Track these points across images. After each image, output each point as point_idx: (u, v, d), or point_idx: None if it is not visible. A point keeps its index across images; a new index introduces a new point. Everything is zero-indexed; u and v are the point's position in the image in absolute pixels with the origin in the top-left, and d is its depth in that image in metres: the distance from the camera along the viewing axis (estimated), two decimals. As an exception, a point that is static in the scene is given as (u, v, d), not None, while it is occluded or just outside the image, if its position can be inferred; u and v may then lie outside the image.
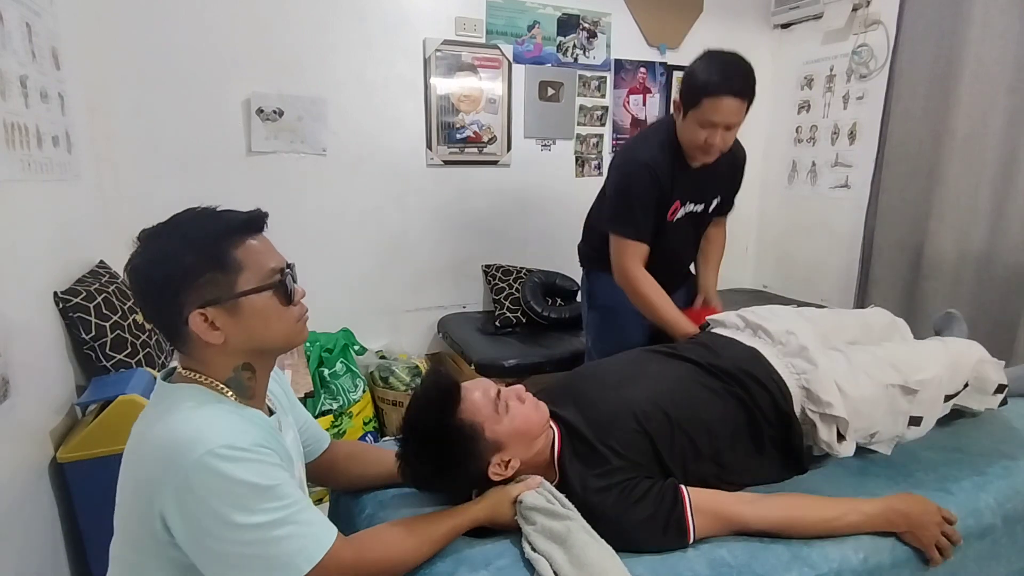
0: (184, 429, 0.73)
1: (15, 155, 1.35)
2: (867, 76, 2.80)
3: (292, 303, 0.85)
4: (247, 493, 0.71)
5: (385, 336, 2.78)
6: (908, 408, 1.21)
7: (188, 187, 2.28)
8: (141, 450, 0.76)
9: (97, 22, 2.07)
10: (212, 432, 0.73)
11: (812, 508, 1.02)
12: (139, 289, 0.81)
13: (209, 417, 0.75)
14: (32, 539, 1.26)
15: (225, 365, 0.82)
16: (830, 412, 1.14)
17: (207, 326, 0.79)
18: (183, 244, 0.78)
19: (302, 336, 0.88)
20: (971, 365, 1.31)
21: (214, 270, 0.78)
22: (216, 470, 0.70)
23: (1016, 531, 1.16)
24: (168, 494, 0.71)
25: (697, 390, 1.17)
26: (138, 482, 0.76)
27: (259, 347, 0.84)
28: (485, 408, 0.99)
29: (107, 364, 1.51)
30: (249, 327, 0.81)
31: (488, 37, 2.71)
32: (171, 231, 0.80)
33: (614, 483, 0.99)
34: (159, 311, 0.81)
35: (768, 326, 1.32)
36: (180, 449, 0.71)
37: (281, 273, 0.83)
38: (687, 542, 0.96)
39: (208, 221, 0.81)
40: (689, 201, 1.70)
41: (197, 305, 0.78)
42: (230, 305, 0.79)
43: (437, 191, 2.77)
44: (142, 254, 0.79)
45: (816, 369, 1.19)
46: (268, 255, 0.84)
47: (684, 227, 1.74)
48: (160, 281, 0.78)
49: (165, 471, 0.71)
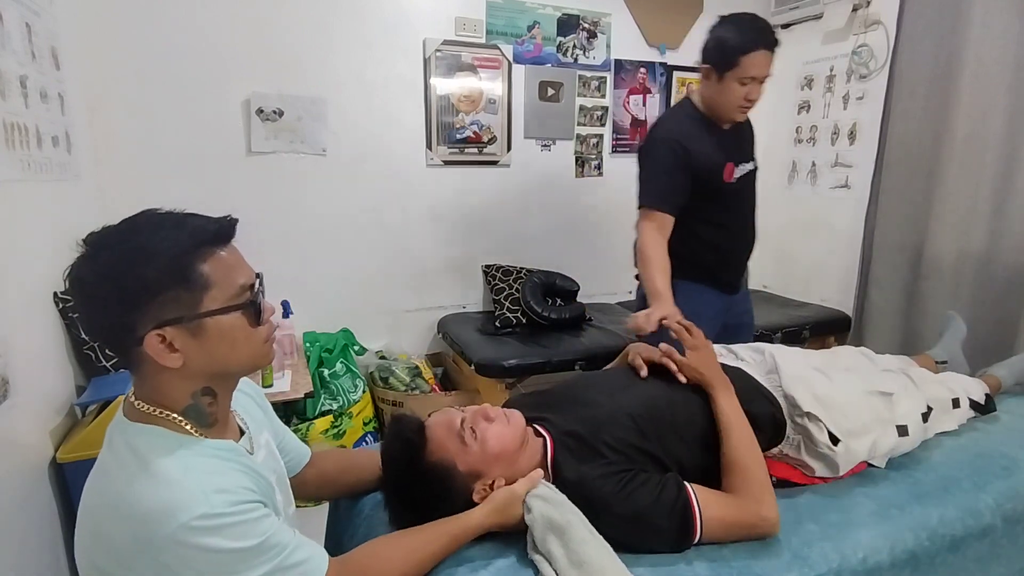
0: (152, 499, 0.66)
1: (15, 155, 1.35)
2: (867, 76, 2.80)
3: (261, 323, 0.77)
4: (230, 560, 0.67)
5: (385, 336, 2.78)
6: (891, 417, 1.24)
7: (188, 187, 2.28)
8: (106, 516, 0.70)
9: (97, 22, 2.07)
10: (184, 499, 0.66)
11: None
12: (84, 303, 0.71)
13: (177, 478, 0.68)
14: (32, 539, 1.26)
15: (182, 390, 0.74)
16: (803, 408, 1.17)
17: (164, 348, 0.70)
18: (142, 256, 0.68)
19: (268, 358, 0.81)
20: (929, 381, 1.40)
21: (177, 287, 0.69)
22: (194, 545, 0.65)
23: (1016, 531, 1.16)
24: (143, 572, 0.66)
25: (690, 397, 1.17)
26: (105, 553, 0.70)
27: (221, 371, 0.76)
28: (451, 443, 0.98)
29: (107, 364, 1.51)
30: (212, 350, 0.73)
31: (488, 37, 2.71)
32: (127, 239, 0.70)
33: (612, 471, 0.99)
34: (107, 329, 0.71)
35: (744, 353, 1.38)
36: (151, 525, 0.65)
37: (251, 290, 0.75)
38: (693, 533, 0.95)
39: (172, 231, 0.71)
40: (741, 161, 1.74)
41: (154, 325, 0.69)
42: (193, 326, 0.71)
43: (437, 191, 2.77)
44: (90, 264, 0.69)
45: (787, 375, 1.24)
46: (238, 269, 0.75)
47: (742, 191, 1.77)
48: (111, 297, 0.68)
49: (137, 548, 0.65)
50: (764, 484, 1.02)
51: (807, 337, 2.77)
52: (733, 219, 1.77)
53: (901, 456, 1.25)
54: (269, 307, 0.79)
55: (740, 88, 1.60)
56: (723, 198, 1.73)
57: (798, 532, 1.01)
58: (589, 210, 3.12)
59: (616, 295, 3.29)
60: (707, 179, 1.67)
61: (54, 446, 1.37)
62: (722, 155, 1.69)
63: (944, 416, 1.37)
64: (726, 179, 1.70)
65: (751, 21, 1.60)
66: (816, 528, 1.03)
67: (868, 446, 1.19)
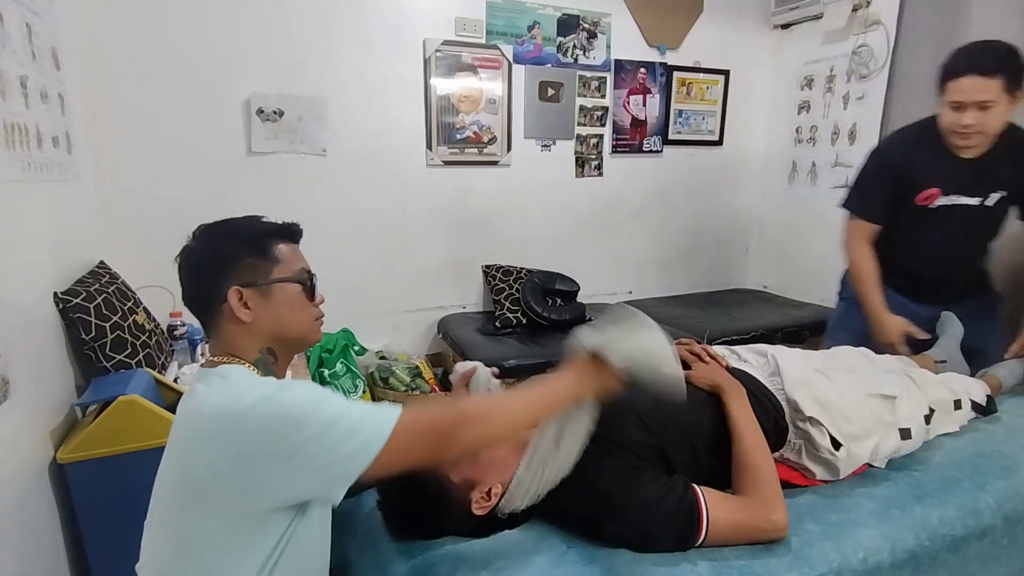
0: (236, 388, 0.78)
1: (15, 155, 1.35)
2: (867, 76, 2.80)
3: (314, 302, 0.94)
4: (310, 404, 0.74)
5: (385, 336, 2.78)
6: (894, 420, 1.24)
7: (188, 187, 2.28)
8: (198, 415, 0.79)
9: (97, 22, 2.07)
10: (260, 381, 0.81)
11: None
12: (186, 268, 0.89)
13: (252, 377, 0.84)
14: (32, 539, 1.26)
15: (251, 347, 0.89)
16: (805, 412, 1.16)
17: (240, 304, 0.86)
18: (231, 233, 0.90)
19: (317, 335, 0.96)
20: (931, 383, 1.40)
21: (255, 256, 0.88)
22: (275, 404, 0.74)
23: (1016, 531, 1.16)
24: (245, 459, 0.72)
25: (698, 399, 1.17)
26: (202, 461, 0.76)
27: (281, 333, 0.90)
28: None
29: (107, 364, 1.51)
30: (276, 311, 0.89)
31: (488, 37, 2.72)
32: (223, 224, 0.91)
33: (619, 467, 0.98)
34: (201, 287, 0.88)
35: (747, 355, 1.38)
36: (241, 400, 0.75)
37: (309, 274, 0.94)
38: (698, 532, 0.94)
39: (255, 221, 0.93)
40: (954, 192, 1.67)
41: (236, 284, 0.86)
42: (264, 288, 0.88)
43: (437, 191, 2.77)
44: (196, 240, 0.90)
45: (790, 379, 1.24)
46: (300, 259, 0.95)
47: (949, 219, 1.69)
48: (207, 259, 0.88)
49: (231, 441, 0.73)
50: (775, 488, 1.01)
51: (807, 337, 2.78)
52: (920, 241, 1.75)
53: (901, 456, 1.25)
54: (321, 295, 0.96)
55: (951, 113, 1.55)
56: (923, 220, 1.71)
57: (798, 532, 1.01)
58: (589, 210, 3.13)
59: (616, 295, 3.29)
60: (901, 196, 1.72)
61: (54, 446, 1.37)
62: (932, 180, 1.67)
63: (946, 417, 1.36)
64: (919, 202, 1.69)
65: (971, 45, 1.56)
66: (816, 528, 1.03)
67: (870, 449, 1.19)
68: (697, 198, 3.39)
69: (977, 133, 1.55)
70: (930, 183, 1.67)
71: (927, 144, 1.66)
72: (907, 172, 1.69)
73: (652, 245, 3.35)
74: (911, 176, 1.69)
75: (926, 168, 1.67)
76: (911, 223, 1.74)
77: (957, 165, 1.63)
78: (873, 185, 1.77)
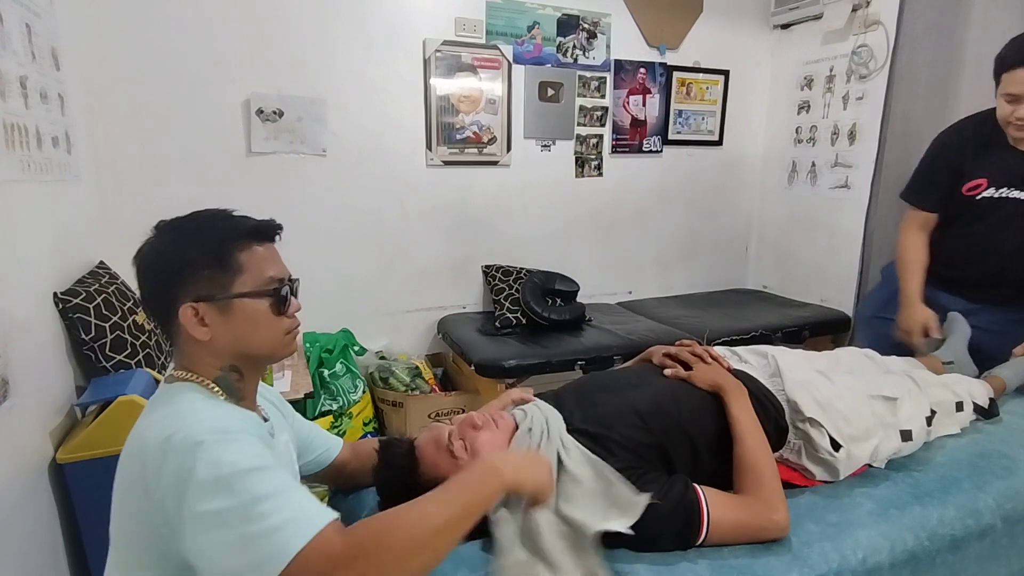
0: (176, 420, 0.73)
1: (15, 156, 1.35)
2: (867, 76, 2.80)
3: (284, 314, 0.85)
4: (233, 475, 0.68)
5: (385, 337, 2.78)
6: (895, 421, 1.24)
7: (188, 188, 2.28)
8: (138, 447, 0.74)
9: (97, 22, 2.07)
10: (205, 420, 0.73)
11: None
12: (140, 274, 0.82)
13: (202, 409, 0.76)
14: (32, 540, 1.26)
15: (211, 364, 0.82)
16: (805, 413, 1.16)
17: (196, 320, 0.79)
18: (190, 238, 0.81)
19: (288, 349, 0.88)
20: (933, 384, 1.40)
21: (213, 267, 0.80)
22: (203, 451, 0.68)
23: (1016, 531, 1.16)
24: (165, 482, 0.68)
25: (698, 398, 1.17)
26: (135, 478, 0.73)
27: (244, 351, 0.84)
28: (442, 459, 0.98)
29: (107, 365, 1.51)
30: (236, 329, 0.81)
31: (488, 38, 2.71)
32: (184, 224, 0.83)
33: (620, 467, 0.99)
34: (154, 299, 0.82)
35: (747, 356, 1.38)
36: (173, 438, 0.70)
37: (279, 283, 0.84)
38: (699, 531, 0.95)
39: (220, 221, 0.84)
40: (1005, 185, 1.65)
41: (190, 299, 0.79)
42: (222, 304, 0.80)
43: (437, 191, 2.77)
44: (152, 242, 0.82)
45: (790, 380, 1.24)
46: (270, 264, 0.85)
47: (998, 212, 1.67)
48: (159, 269, 0.80)
49: (160, 461, 0.69)
50: (776, 488, 1.02)
51: (807, 337, 2.78)
52: (968, 233, 1.73)
53: (902, 457, 1.25)
54: (296, 304, 0.87)
55: (1007, 105, 1.54)
56: (969, 211, 1.70)
57: (798, 532, 1.01)
58: (589, 210, 3.13)
59: (616, 295, 3.29)
60: (951, 187, 1.72)
61: (54, 447, 1.37)
62: (982, 170, 1.65)
63: (947, 419, 1.36)
64: (966, 192, 1.68)
65: (1015, 40, 1.53)
66: (816, 528, 1.03)
67: (870, 451, 1.19)
68: (697, 198, 3.39)
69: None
70: (979, 173, 1.66)
71: (985, 134, 1.64)
72: (959, 160, 1.68)
73: (652, 245, 3.35)
74: (962, 165, 1.68)
75: (978, 158, 1.66)
76: (959, 213, 1.73)
77: (1011, 158, 1.61)
78: (928, 172, 1.78)
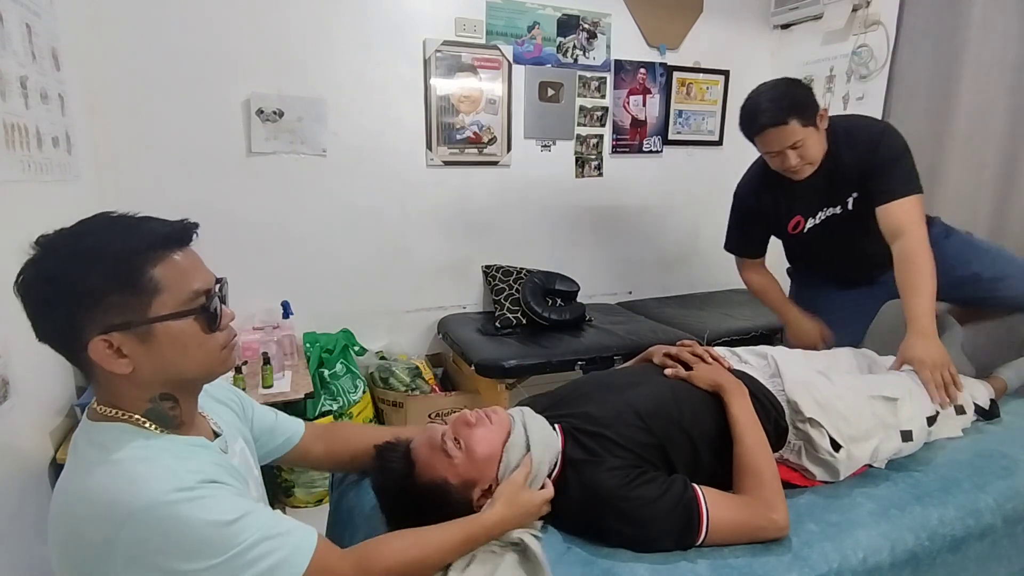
0: (119, 481, 0.63)
1: (15, 156, 1.35)
2: (867, 76, 2.80)
3: (217, 329, 0.74)
4: (213, 534, 0.63)
5: (385, 337, 2.78)
6: (896, 422, 1.23)
7: (188, 187, 2.28)
8: (73, 511, 0.65)
9: (97, 22, 2.07)
10: (152, 478, 0.64)
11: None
12: (30, 306, 0.68)
13: (142, 460, 0.66)
14: (32, 540, 1.26)
15: (138, 397, 0.71)
16: (805, 414, 1.16)
17: (112, 354, 0.67)
18: (87, 259, 0.66)
19: (227, 365, 0.77)
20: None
21: (123, 291, 0.67)
22: (172, 517, 0.61)
23: (1016, 531, 1.16)
24: (119, 560, 0.61)
25: (698, 398, 1.17)
26: (77, 550, 0.64)
27: (174, 378, 0.73)
28: (437, 459, 0.97)
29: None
30: (163, 357, 0.70)
31: (488, 38, 2.71)
32: (75, 242, 0.68)
33: (620, 467, 0.99)
34: (54, 334, 0.69)
35: (747, 357, 1.38)
36: (120, 506, 0.61)
37: (206, 296, 0.72)
38: (698, 531, 0.95)
39: (122, 232, 0.69)
40: (817, 211, 1.71)
41: (100, 331, 0.66)
42: (141, 331, 0.68)
43: (437, 191, 2.77)
44: (36, 266, 0.67)
45: (790, 380, 1.24)
46: (193, 273, 0.72)
47: (826, 233, 1.73)
48: (56, 300, 0.66)
49: (109, 534, 0.61)
50: (776, 488, 1.02)
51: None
52: (816, 255, 1.84)
53: (902, 457, 1.25)
54: (229, 313, 0.76)
55: (774, 159, 1.60)
56: (803, 240, 1.76)
57: (798, 532, 1.01)
58: (589, 210, 3.12)
59: (616, 295, 3.29)
60: (773, 231, 1.84)
61: (54, 447, 1.37)
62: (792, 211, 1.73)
63: (949, 420, 1.36)
64: (790, 230, 1.75)
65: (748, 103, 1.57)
66: (816, 528, 1.03)
67: (870, 451, 1.19)
68: (697, 198, 3.39)
69: (806, 164, 1.58)
70: (792, 213, 1.73)
71: (772, 177, 1.68)
72: (766, 213, 1.77)
73: (652, 245, 3.35)
74: (771, 215, 1.76)
75: (780, 204, 1.73)
76: (796, 245, 1.84)
77: (806, 187, 1.65)
78: (740, 228, 1.89)
